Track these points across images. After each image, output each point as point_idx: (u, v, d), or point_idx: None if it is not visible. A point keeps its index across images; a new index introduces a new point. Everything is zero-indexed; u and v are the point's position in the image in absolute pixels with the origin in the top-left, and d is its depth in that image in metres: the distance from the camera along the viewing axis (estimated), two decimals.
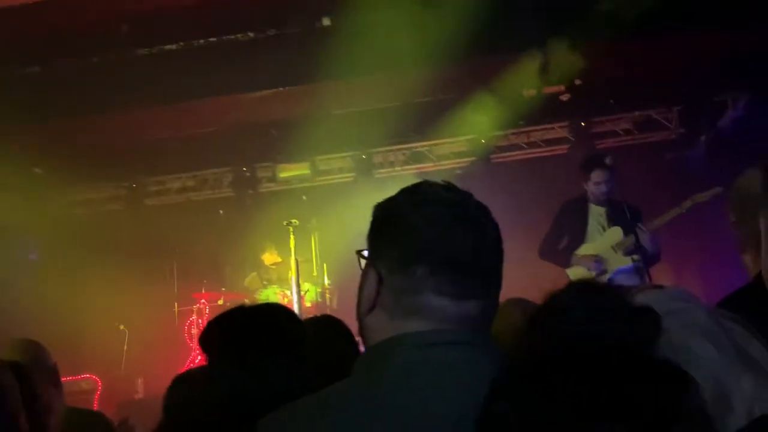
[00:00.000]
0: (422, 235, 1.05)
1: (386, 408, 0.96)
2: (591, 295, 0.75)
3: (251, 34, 5.71)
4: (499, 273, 1.10)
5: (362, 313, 1.10)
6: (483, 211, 1.11)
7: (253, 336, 1.59)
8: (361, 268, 1.14)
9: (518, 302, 1.77)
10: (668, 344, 0.99)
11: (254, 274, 7.25)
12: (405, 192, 1.12)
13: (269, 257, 7.19)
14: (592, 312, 0.72)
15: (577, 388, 0.65)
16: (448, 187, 1.12)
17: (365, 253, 1.14)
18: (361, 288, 1.11)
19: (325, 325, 2.08)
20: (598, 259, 4.91)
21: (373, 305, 1.08)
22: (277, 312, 1.69)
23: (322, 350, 1.70)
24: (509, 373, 0.72)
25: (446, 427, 0.78)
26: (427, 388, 0.96)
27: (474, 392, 0.79)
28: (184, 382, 2.08)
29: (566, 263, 5.05)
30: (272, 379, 1.50)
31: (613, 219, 4.94)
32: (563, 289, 0.77)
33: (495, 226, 1.11)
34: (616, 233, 4.91)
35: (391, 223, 1.10)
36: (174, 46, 5.80)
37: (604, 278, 4.89)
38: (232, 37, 5.75)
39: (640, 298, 1.11)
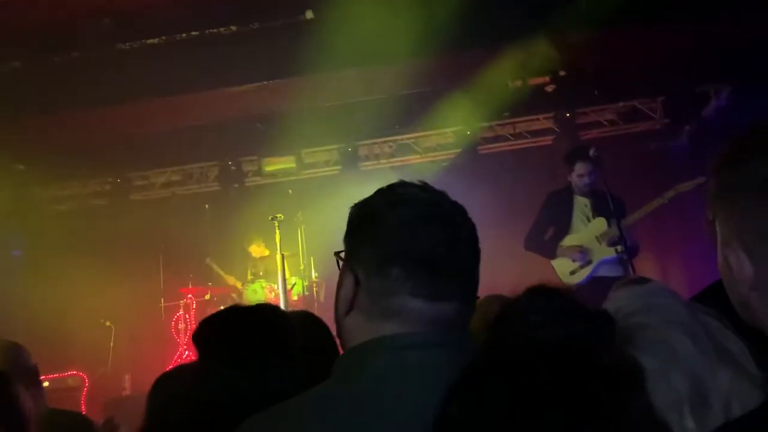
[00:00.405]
0: (397, 237, 1.04)
1: (365, 411, 0.96)
2: (546, 300, 0.76)
3: (234, 28, 5.67)
4: (476, 273, 1.09)
5: (340, 315, 1.10)
6: (458, 210, 1.10)
7: (246, 335, 1.60)
8: (339, 269, 1.14)
9: (497, 299, 1.76)
10: (649, 340, 0.99)
11: (232, 277, 7.24)
12: (380, 193, 1.12)
13: (257, 249, 7.18)
14: (546, 317, 0.73)
15: (527, 395, 0.66)
16: (424, 187, 1.11)
17: (343, 254, 1.13)
18: (338, 289, 1.11)
19: (311, 323, 2.08)
20: (582, 250, 4.94)
21: (350, 307, 1.08)
22: (270, 312, 1.71)
23: (311, 349, 1.71)
24: (464, 377, 0.73)
25: (420, 429, 0.79)
26: (402, 391, 0.97)
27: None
28: (171, 379, 2.09)
29: (552, 254, 5.07)
30: (266, 379, 1.51)
31: (597, 210, 4.97)
32: (520, 295, 0.77)
33: (471, 226, 1.10)
34: (600, 224, 4.94)
35: (366, 225, 1.09)
36: (157, 41, 5.75)
37: (589, 269, 4.92)
38: (215, 31, 5.71)
39: (622, 294, 1.12)
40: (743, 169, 0.96)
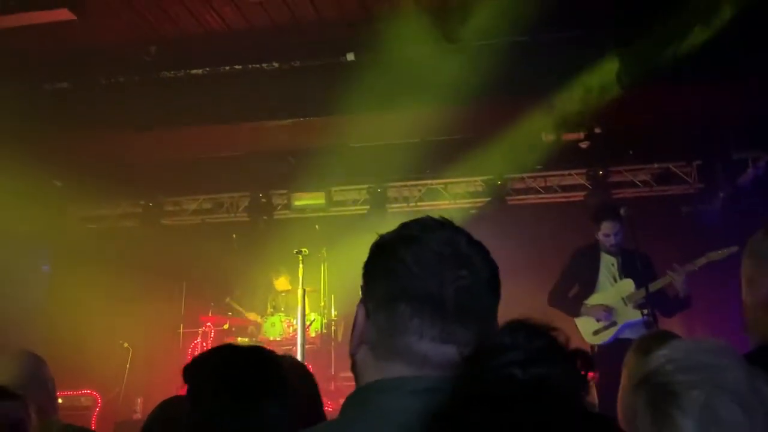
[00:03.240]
0: (406, 273, 1.01)
1: None
2: (527, 337, 0.74)
3: (276, 64, 5.81)
4: (490, 315, 1.04)
5: (352, 349, 1.09)
6: (477, 249, 1.05)
7: (243, 377, 1.61)
8: None
9: None
10: (693, 401, 0.95)
11: (253, 313, 7.25)
12: (401, 226, 1.09)
13: (281, 283, 7.18)
14: (526, 354, 0.71)
15: None
16: (443, 223, 1.08)
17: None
18: (354, 323, 1.10)
19: (289, 367, 2.09)
20: (607, 310, 4.85)
21: (360, 341, 1.07)
22: (264, 354, 1.72)
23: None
24: (440, 411, 0.71)
25: None
26: None
27: None
28: (171, 405, 2.12)
29: (575, 312, 4.97)
30: (258, 419, 1.52)
31: (624, 270, 4.89)
32: (500, 328, 0.76)
33: (489, 266, 1.05)
34: (628, 285, 4.85)
35: (379, 259, 1.07)
36: (201, 71, 5.91)
37: (613, 330, 4.82)
38: (258, 65, 5.85)
39: (676, 345, 1.06)
40: None
